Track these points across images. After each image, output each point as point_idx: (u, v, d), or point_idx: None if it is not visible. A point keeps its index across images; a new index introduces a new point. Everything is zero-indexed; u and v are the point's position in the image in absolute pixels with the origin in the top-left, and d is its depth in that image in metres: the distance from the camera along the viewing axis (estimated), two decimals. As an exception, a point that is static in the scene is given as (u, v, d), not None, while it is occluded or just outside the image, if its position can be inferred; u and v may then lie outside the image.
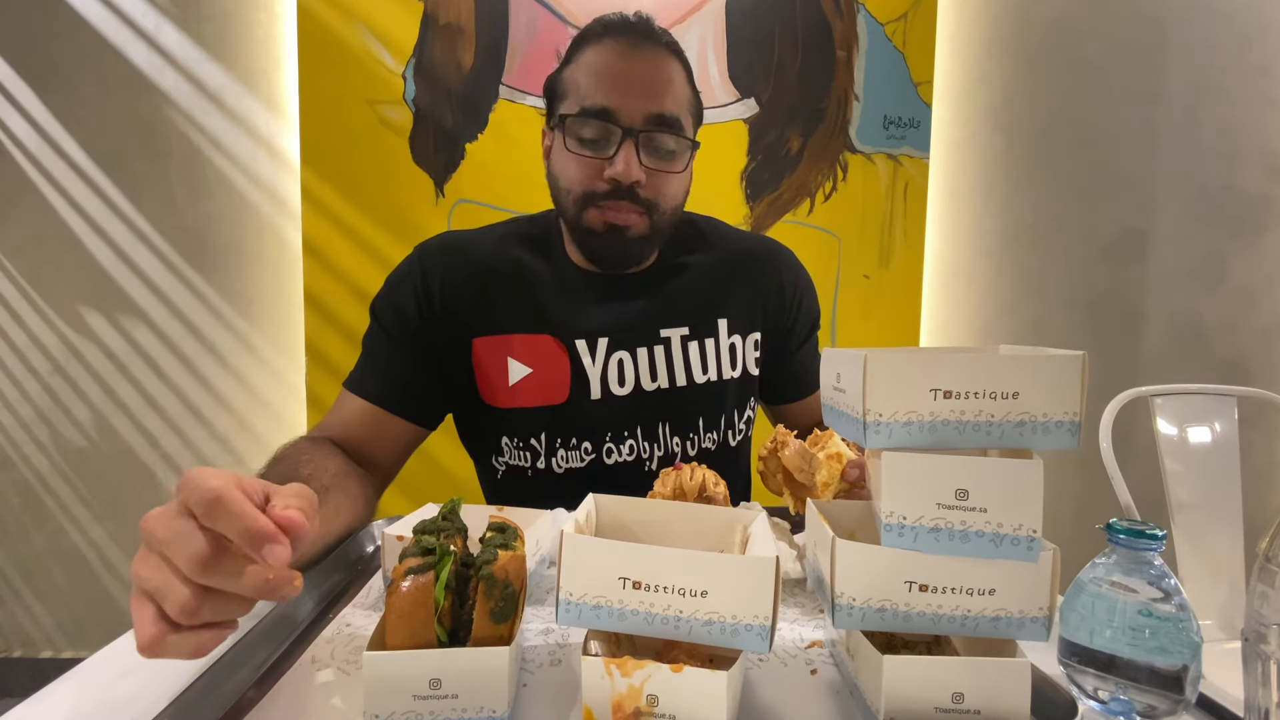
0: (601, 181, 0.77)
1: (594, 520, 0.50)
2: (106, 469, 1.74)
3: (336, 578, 0.61)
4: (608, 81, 0.76)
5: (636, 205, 0.78)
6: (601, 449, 0.84)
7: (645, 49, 0.78)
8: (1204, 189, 1.81)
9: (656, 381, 0.85)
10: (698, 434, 0.87)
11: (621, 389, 0.84)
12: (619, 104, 0.76)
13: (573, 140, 0.78)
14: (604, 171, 0.77)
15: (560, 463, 0.84)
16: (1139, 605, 0.43)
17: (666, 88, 0.78)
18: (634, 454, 0.85)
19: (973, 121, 1.80)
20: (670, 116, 0.77)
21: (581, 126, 0.77)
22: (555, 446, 0.84)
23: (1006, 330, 1.83)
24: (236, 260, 1.71)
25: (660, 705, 0.38)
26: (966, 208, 1.82)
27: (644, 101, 0.76)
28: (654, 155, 0.78)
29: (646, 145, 0.77)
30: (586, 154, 0.77)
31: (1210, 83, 1.79)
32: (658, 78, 0.77)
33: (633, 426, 0.85)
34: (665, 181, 0.79)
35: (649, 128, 0.77)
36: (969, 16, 1.77)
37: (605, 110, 0.76)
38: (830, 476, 0.59)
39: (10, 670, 1.76)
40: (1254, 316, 1.85)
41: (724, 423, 0.88)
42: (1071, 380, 0.40)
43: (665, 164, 0.79)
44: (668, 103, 0.77)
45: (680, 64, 0.81)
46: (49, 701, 0.44)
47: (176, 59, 1.67)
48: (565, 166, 0.79)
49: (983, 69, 1.79)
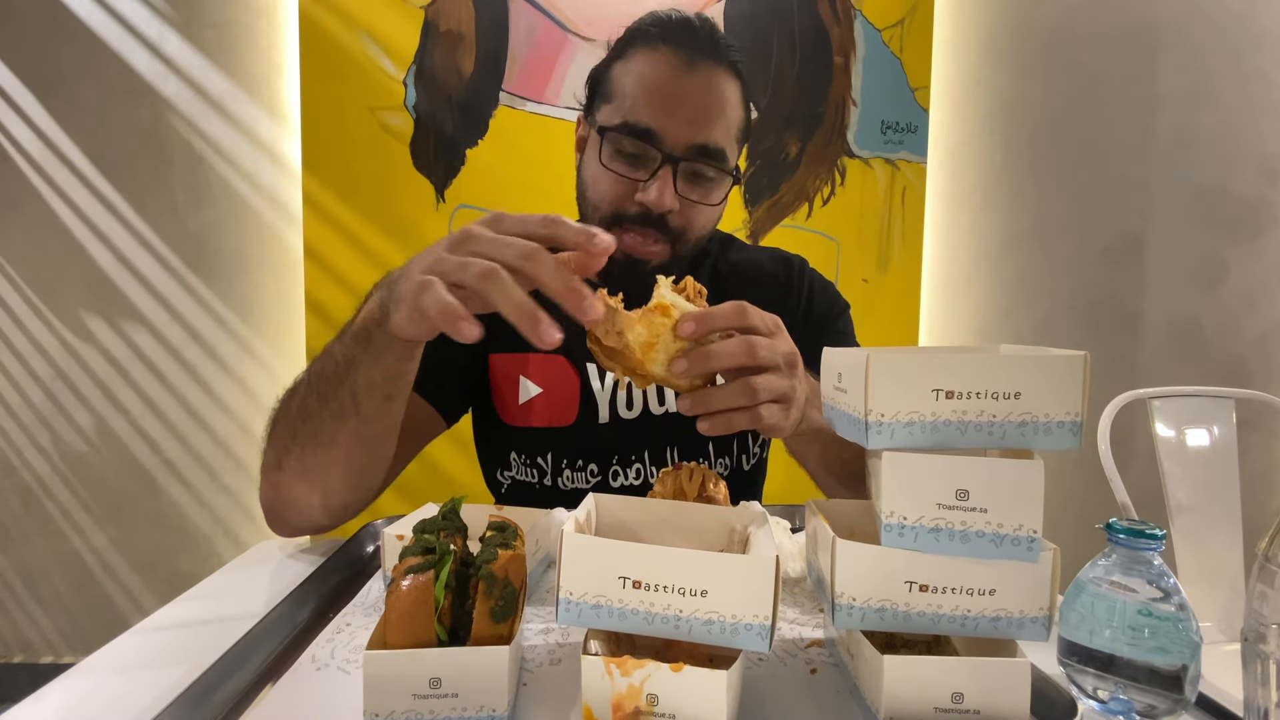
0: (632, 204, 0.73)
1: (594, 520, 0.50)
2: (108, 474, 1.74)
3: (336, 578, 0.61)
4: (657, 100, 0.71)
5: (663, 234, 0.74)
6: (608, 472, 0.83)
7: (702, 67, 0.72)
8: (1201, 192, 1.82)
9: (664, 405, 0.83)
10: (708, 459, 0.85)
11: (630, 412, 0.83)
12: (664, 127, 0.71)
13: (609, 153, 0.74)
14: (635, 194, 0.72)
15: (566, 482, 0.83)
16: (1139, 605, 0.43)
17: (719, 115, 0.73)
18: (640, 478, 0.83)
19: (970, 126, 1.81)
20: (715, 148, 0.73)
21: (620, 141, 0.72)
22: (561, 467, 0.83)
23: (1005, 334, 1.84)
24: (238, 266, 1.72)
25: (660, 705, 0.38)
26: (964, 212, 1.82)
27: (691, 129, 0.71)
28: (691, 184, 0.74)
29: (685, 174, 0.73)
30: (621, 172, 0.73)
31: (1206, 87, 1.80)
32: (711, 103, 0.72)
33: (640, 450, 0.83)
34: (698, 213, 0.75)
35: (691, 157, 0.72)
36: (966, 22, 1.78)
37: (649, 131, 0.71)
38: (650, 335, 0.48)
39: (11, 676, 1.76)
40: (1252, 319, 1.85)
41: (736, 447, 0.86)
42: (1073, 380, 0.40)
43: (702, 195, 0.75)
44: (716, 132, 0.72)
45: (738, 83, 0.75)
46: (48, 701, 0.44)
47: (179, 66, 1.68)
48: (597, 179, 0.75)
49: (980, 74, 1.80)
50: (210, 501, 1.76)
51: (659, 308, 0.49)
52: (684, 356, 0.49)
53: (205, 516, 1.76)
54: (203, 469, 1.75)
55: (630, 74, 0.73)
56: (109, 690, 0.46)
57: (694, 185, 0.74)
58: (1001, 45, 1.79)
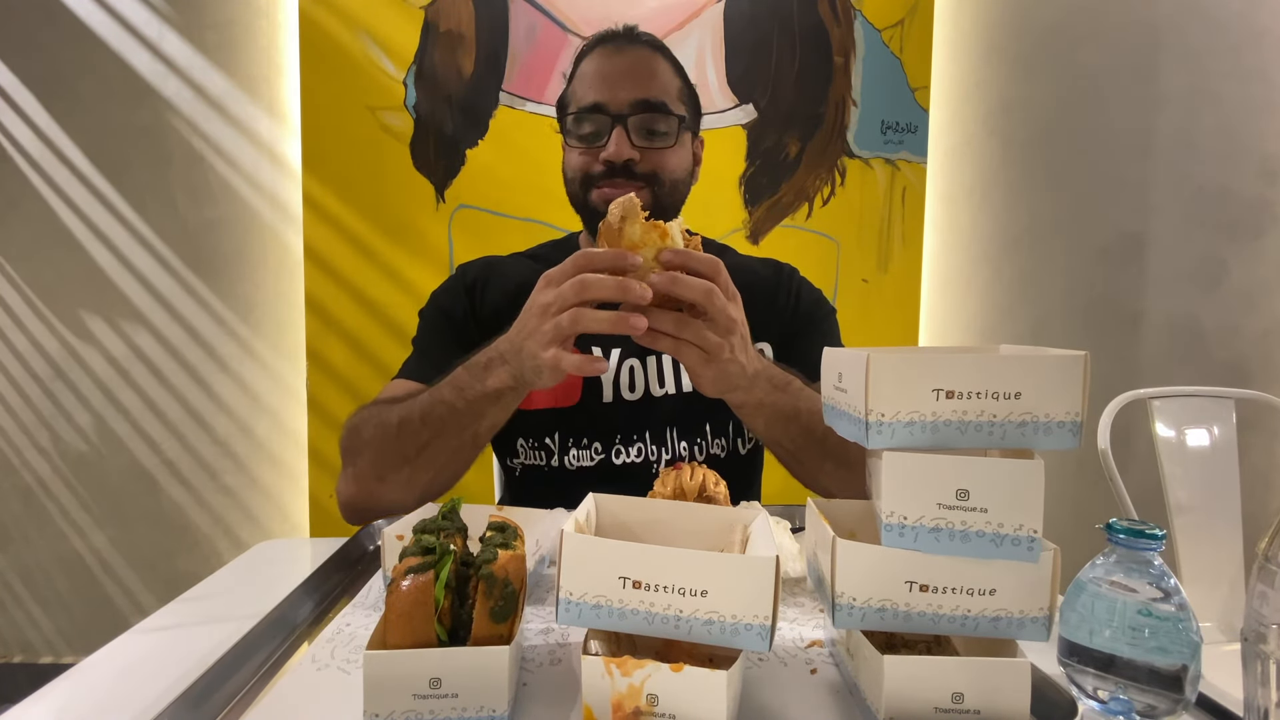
0: (598, 164, 0.85)
1: (594, 520, 0.50)
2: (108, 474, 1.74)
3: (336, 578, 0.61)
4: (598, 80, 0.86)
5: (635, 181, 0.85)
6: (611, 450, 0.87)
7: (628, 49, 0.88)
8: (1201, 192, 1.82)
9: (664, 388, 0.88)
10: (705, 440, 0.89)
11: (632, 394, 0.88)
12: (608, 96, 0.85)
13: (574, 138, 0.88)
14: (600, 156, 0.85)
15: (573, 461, 0.87)
16: (1138, 605, 0.43)
17: (650, 78, 0.86)
18: (642, 456, 0.88)
19: (970, 126, 1.81)
20: (655, 101, 0.85)
21: (580, 124, 0.87)
22: (567, 445, 0.87)
23: (1005, 334, 1.84)
24: (238, 265, 1.72)
25: (660, 705, 0.38)
26: (964, 212, 1.82)
27: (629, 91, 0.85)
28: (645, 136, 0.86)
29: (637, 129, 0.85)
30: (584, 146, 0.87)
31: (1206, 87, 1.79)
32: (641, 70, 0.87)
33: (641, 430, 0.88)
34: (661, 157, 0.86)
35: (635, 111, 0.84)
36: (965, 22, 1.78)
37: (596, 104, 0.85)
38: (641, 241, 0.61)
39: (11, 676, 1.75)
40: (1252, 319, 1.85)
41: (732, 430, 0.90)
42: (1073, 380, 0.40)
43: (656, 140, 0.86)
44: (653, 89, 0.86)
45: (664, 58, 0.89)
46: (48, 701, 0.44)
47: (179, 66, 1.68)
48: (570, 160, 0.89)
49: (980, 74, 1.80)
50: (210, 501, 1.76)
51: (660, 230, 0.62)
52: (659, 275, 0.61)
53: (205, 516, 1.76)
54: (203, 469, 1.75)
55: (578, 78, 0.89)
56: (109, 690, 0.46)
57: (648, 137, 0.86)
58: (1001, 45, 1.79)
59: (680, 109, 0.88)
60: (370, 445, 0.76)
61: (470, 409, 0.72)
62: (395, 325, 1.61)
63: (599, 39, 0.90)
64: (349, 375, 1.62)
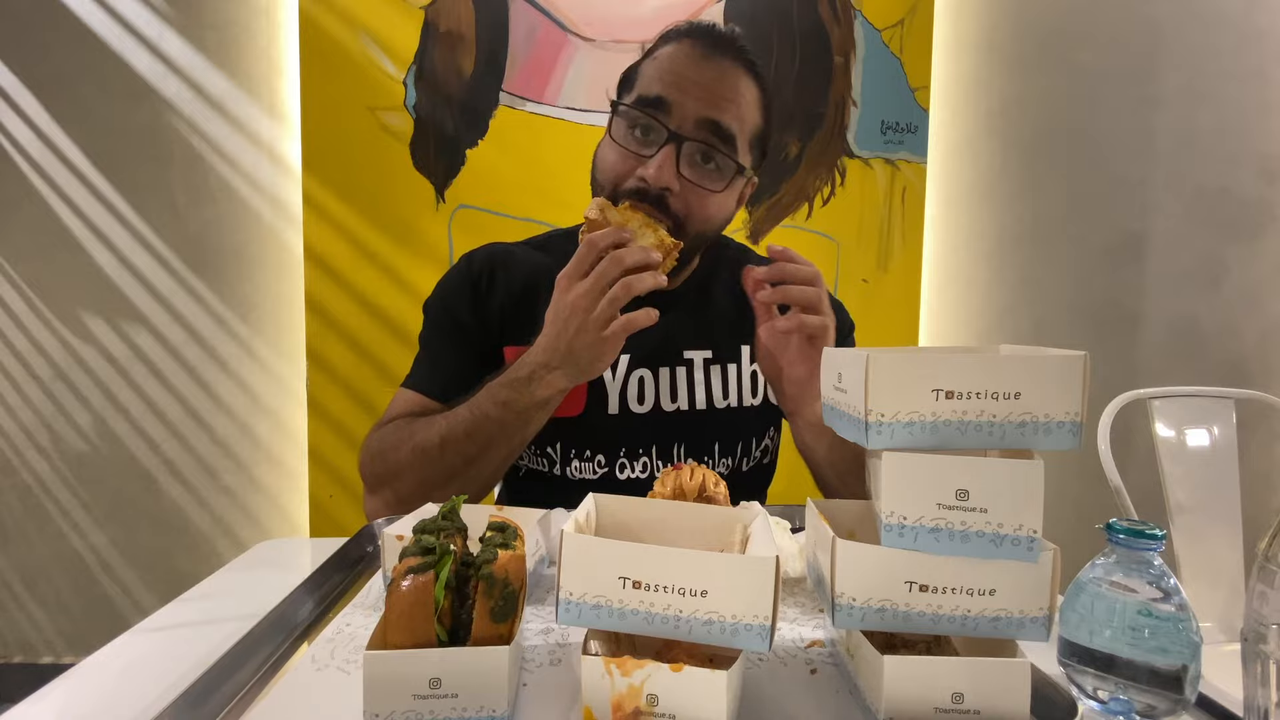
0: (633, 179, 0.74)
1: (594, 520, 0.50)
2: (108, 474, 1.74)
3: (336, 578, 0.61)
4: (671, 77, 0.74)
5: (664, 217, 0.74)
6: (615, 464, 0.84)
7: (720, 59, 0.75)
8: (1201, 192, 1.82)
9: (676, 402, 0.85)
10: (713, 458, 0.86)
11: (640, 406, 0.84)
12: (675, 99, 0.73)
13: (621, 129, 0.76)
14: (637, 170, 0.74)
15: (574, 472, 0.84)
16: (1138, 605, 0.43)
17: (730, 100, 0.74)
18: (647, 471, 0.84)
19: (970, 126, 1.81)
20: (725, 129, 0.74)
21: (633, 117, 0.75)
22: (570, 456, 0.84)
23: (1005, 334, 1.84)
24: (238, 266, 1.72)
25: (660, 705, 0.38)
26: (964, 212, 1.82)
27: (701, 105, 0.73)
28: (694, 168, 0.75)
29: (689, 156, 0.74)
30: (628, 148, 0.75)
31: (1206, 87, 1.79)
32: (724, 88, 0.74)
33: (648, 445, 0.84)
34: (701, 200, 0.75)
35: (697, 135, 0.73)
36: (965, 22, 1.78)
37: (659, 99, 0.73)
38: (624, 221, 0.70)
39: (10, 676, 1.75)
40: (1252, 319, 1.85)
41: (740, 449, 0.87)
42: (1073, 380, 0.40)
43: (703, 178, 0.75)
44: (727, 115, 0.74)
45: (757, 88, 0.77)
46: (48, 701, 0.44)
47: (179, 66, 1.67)
48: (605, 155, 0.78)
49: (980, 74, 1.80)
50: (210, 501, 1.76)
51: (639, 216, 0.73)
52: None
53: (205, 516, 1.76)
54: (203, 469, 1.75)
55: (652, 61, 0.78)
56: (109, 690, 0.46)
57: (697, 168, 0.75)
58: (1001, 45, 1.79)
59: (745, 154, 0.77)
60: (411, 468, 0.74)
61: (520, 419, 0.72)
62: (395, 325, 1.61)
63: (692, 28, 0.77)
64: (349, 375, 1.62)
